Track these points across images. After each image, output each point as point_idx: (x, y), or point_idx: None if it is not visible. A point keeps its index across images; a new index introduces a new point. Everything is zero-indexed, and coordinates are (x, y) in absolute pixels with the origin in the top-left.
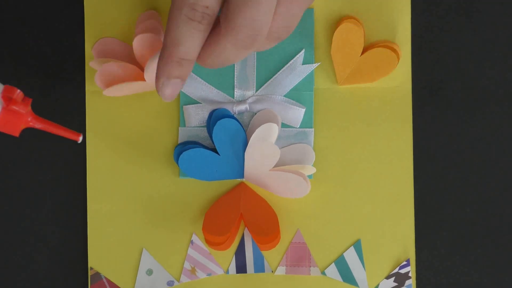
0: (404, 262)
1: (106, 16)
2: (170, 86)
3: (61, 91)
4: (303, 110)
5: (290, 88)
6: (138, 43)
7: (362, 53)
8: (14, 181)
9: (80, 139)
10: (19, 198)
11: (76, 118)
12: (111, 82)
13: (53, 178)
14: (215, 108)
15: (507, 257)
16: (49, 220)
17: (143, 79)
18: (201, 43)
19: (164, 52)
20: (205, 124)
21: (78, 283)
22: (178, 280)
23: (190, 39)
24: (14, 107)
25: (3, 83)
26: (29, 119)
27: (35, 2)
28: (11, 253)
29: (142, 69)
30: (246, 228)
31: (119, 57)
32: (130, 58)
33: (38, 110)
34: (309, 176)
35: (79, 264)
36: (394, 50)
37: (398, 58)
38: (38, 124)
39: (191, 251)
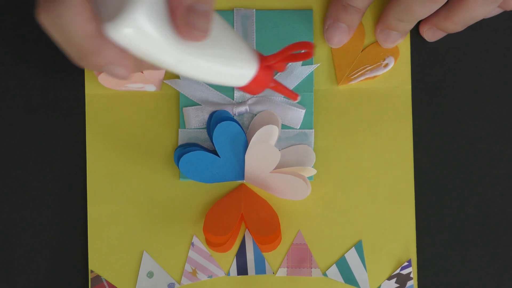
0: (406, 263)
1: None
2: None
3: (61, 91)
4: (303, 111)
5: (290, 89)
6: None
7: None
8: (14, 181)
9: (298, 99)
10: (19, 198)
11: (76, 119)
12: None
13: (53, 179)
14: (215, 109)
15: (508, 257)
16: (49, 222)
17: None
18: None
19: None
20: (205, 126)
21: (79, 286)
22: (179, 283)
23: None
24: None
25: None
26: (271, 84)
27: (35, 2)
28: (11, 255)
29: None
30: (247, 230)
31: None
32: None
33: (38, 109)
34: (310, 178)
35: (79, 267)
36: None
37: (398, 52)
38: (273, 86)
39: (191, 253)
